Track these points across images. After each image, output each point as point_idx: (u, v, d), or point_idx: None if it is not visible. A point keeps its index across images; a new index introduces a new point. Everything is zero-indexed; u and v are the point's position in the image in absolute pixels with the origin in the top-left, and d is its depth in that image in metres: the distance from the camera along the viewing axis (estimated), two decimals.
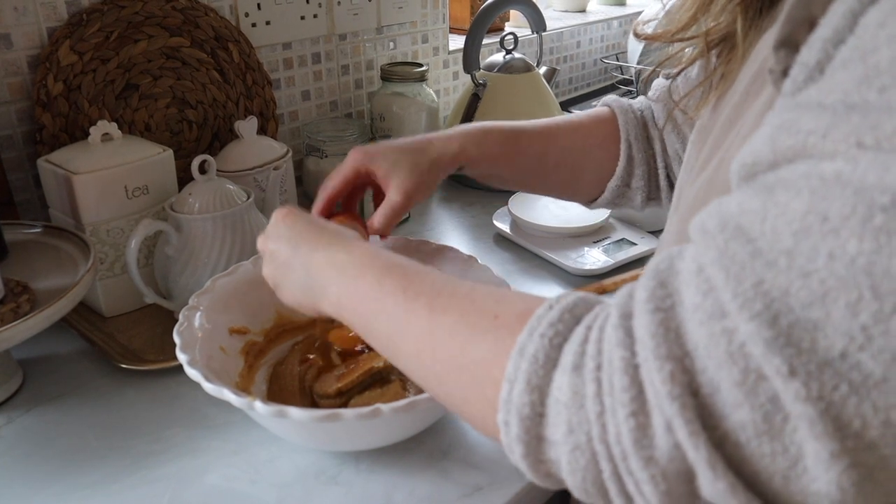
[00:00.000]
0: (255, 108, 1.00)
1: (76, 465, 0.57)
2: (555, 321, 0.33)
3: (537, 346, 0.32)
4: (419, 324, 0.40)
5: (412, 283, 0.42)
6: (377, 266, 0.45)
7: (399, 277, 0.43)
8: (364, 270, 0.45)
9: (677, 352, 0.28)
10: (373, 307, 0.44)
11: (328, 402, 0.61)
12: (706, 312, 0.27)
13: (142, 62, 0.87)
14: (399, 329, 0.42)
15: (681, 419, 0.27)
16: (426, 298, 0.41)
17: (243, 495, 0.54)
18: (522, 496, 0.55)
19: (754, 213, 0.27)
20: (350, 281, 0.46)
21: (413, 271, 0.44)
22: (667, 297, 0.29)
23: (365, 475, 0.56)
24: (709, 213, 0.30)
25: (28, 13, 0.79)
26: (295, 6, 1.04)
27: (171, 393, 0.65)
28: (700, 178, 0.45)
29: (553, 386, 0.32)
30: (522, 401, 0.32)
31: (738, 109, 0.42)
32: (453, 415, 0.62)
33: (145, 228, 0.69)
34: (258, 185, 0.85)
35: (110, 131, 0.75)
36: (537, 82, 1.14)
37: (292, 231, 0.52)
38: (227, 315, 0.63)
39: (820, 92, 0.28)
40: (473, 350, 0.36)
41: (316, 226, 0.53)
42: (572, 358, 0.31)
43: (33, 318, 0.58)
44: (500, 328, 0.36)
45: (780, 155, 0.28)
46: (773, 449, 0.26)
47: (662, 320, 0.28)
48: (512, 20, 1.60)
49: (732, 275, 0.27)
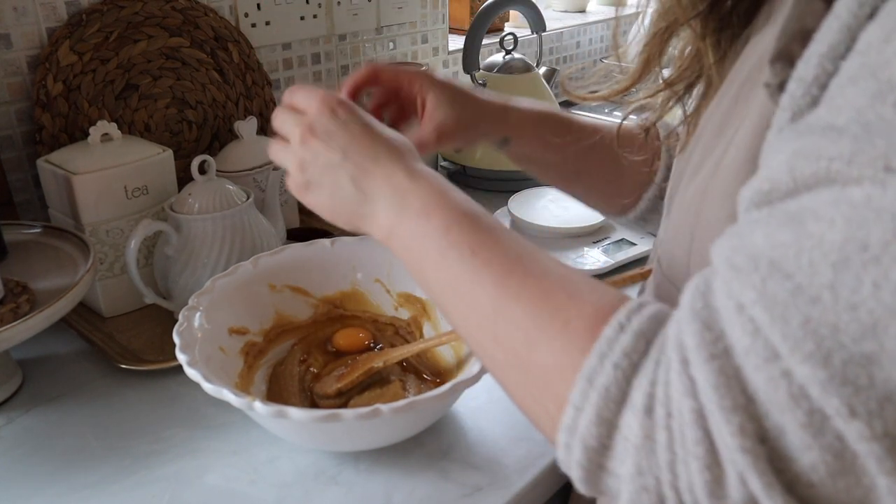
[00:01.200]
0: (255, 109, 1.00)
1: (76, 466, 0.57)
2: (629, 350, 0.31)
3: (609, 379, 0.31)
4: (484, 300, 0.38)
5: (483, 245, 0.39)
6: (445, 207, 0.41)
7: (469, 231, 0.40)
8: (430, 208, 0.42)
9: (741, 400, 0.27)
10: (432, 256, 0.40)
11: (328, 403, 0.61)
12: (759, 356, 0.26)
13: (141, 62, 0.87)
14: (460, 294, 0.39)
15: (754, 471, 0.26)
16: (496, 272, 0.38)
17: (243, 495, 0.54)
18: (522, 496, 0.55)
19: (787, 246, 0.26)
20: (411, 215, 0.42)
21: (485, 226, 0.40)
22: (717, 342, 0.28)
23: (365, 475, 0.56)
24: (733, 247, 0.29)
25: (28, 13, 0.79)
26: (295, 7, 1.04)
27: (171, 393, 0.65)
28: (692, 184, 0.43)
29: (623, 423, 0.31)
30: (590, 432, 0.31)
31: (727, 117, 0.41)
32: (453, 415, 0.62)
33: (145, 229, 0.68)
34: (258, 186, 0.85)
35: (110, 131, 0.75)
36: (537, 83, 1.14)
37: (345, 130, 0.46)
38: (226, 315, 0.63)
39: (830, 111, 0.27)
40: (538, 353, 0.35)
41: (372, 130, 0.47)
42: (643, 399, 0.30)
43: (33, 318, 0.58)
44: (569, 338, 0.34)
45: (800, 182, 0.27)
46: (847, 483, 0.26)
47: (720, 368, 0.27)
48: (511, 20, 1.60)
49: (777, 315, 0.26)
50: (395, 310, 0.71)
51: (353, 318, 0.71)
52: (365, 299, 0.71)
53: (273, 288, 0.68)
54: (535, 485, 0.56)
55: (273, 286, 0.68)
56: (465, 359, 0.62)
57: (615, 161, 0.65)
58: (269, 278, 0.68)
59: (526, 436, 0.60)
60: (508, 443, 0.59)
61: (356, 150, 0.45)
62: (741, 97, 0.40)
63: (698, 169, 0.43)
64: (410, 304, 0.70)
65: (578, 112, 1.52)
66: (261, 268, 0.67)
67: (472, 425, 0.61)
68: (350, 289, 0.71)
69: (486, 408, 0.63)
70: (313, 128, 0.47)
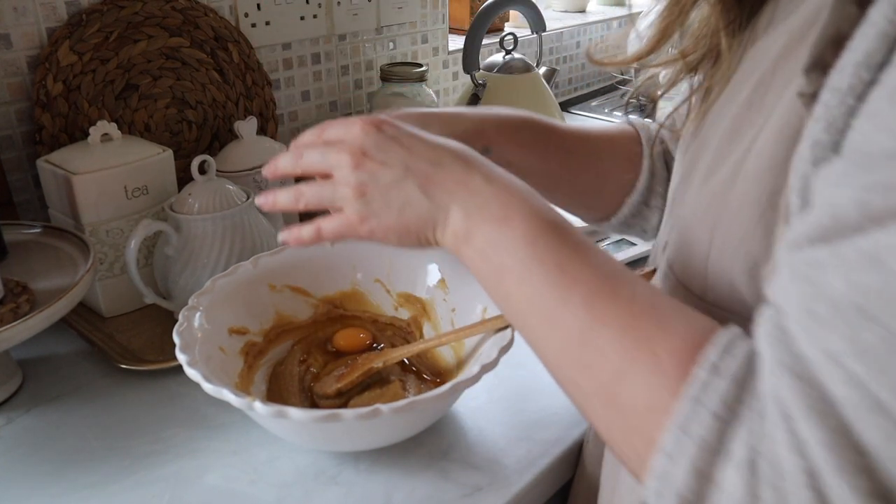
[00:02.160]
0: (255, 109, 1.00)
1: (76, 466, 0.57)
2: (726, 398, 0.29)
3: (706, 429, 0.29)
4: (570, 322, 0.36)
5: (571, 260, 0.37)
6: (529, 214, 0.39)
7: (556, 244, 0.37)
8: (511, 213, 0.39)
9: (853, 457, 0.25)
10: (513, 267, 0.38)
11: (328, 403, 0.61)
12: (865, 408, 0.25)
13: (141, 62, 0.87)
14: (543, 313, 0.37)
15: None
16: (584, 292, 0.35)
17: (243, 496, 0.54)
18: (522, 497, 0.55)
19: (871, 289, 0.25)
20: (488, 219, 0.39)
21: (572, 239, 0.38)
22: (816, 395, 0.26)
23: (364, 475, 0.56)
24: (807, 294, 0.27)
25: (28, 13, 0.79)
26: (294, 7, 1.04)
27: (171, 393, 0.65)
28: (706, 188, 0.42)
29: (721, 477, 0.29)
30: (686, 484, 0.30)
31: (741, 120, 0.40)
32: (453, 415, 0.62)
33: (145, 229, 0.68)
34: (258, 186, 0.85)
35: (110, 131, 0.75)
36: (537, 83, 1.14)
37: (399, 144, 0.43)
38: (226, 315, 0.63)
39: (888, 136, 0.26)
40: (626, 387, 0.33)
41: (426, 138, 0.44)
42: (745, 453, 0.28)
43: (33, 318, 0.58)
44: (659, 375, 0.32)
45: (869, 217, 0.26)
46: None
47: (826, 424, 0.26)
48: (511, 20, 1.60)
49: (874, 366, 0.25)
50: (395, 310, 0.71)
51: (353, 318, 0.71)
52: (365, 299, 0.71)
53: (273, 288, 0.68)
54: (535, 485, 0.56)
55: (273, 286, 0.68)
56: (465, 359, 0.62)
57: (597, 167, 0.64)
58: (269, 278, 0.68)
59: (526, 436, 0.60)
60: (508, 443, 0.59)
61: (418, 160, 0.42)
62: (755, 102, 0.39)
63: (711, 173, 0.41)
64: (410, 304, 0.70)
65: (579, 113, 1.52)
66: (261, 268, 0.67)
67: (472, 425, 0.61)
68: (350, 289, 0.71)
69: (486, 408, 0.63)
70: (364, 149, 0.44)
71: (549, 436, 0.60)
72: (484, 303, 0.63)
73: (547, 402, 0.64)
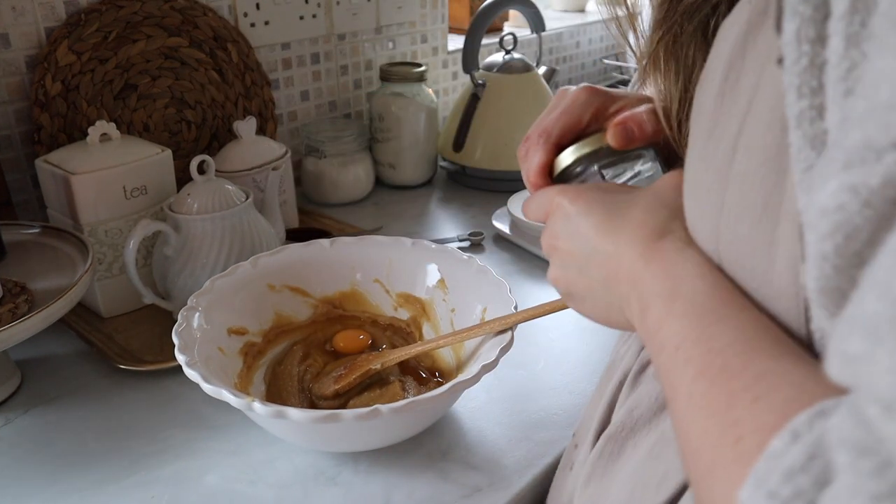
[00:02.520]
0: (254, 109, 1.00)
1: (74, 467, 0.57)
2: None
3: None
4: (677, 407, 0.32)
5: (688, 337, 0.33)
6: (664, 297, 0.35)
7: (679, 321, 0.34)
8: (648, 302, 0.36)
9: None
10: (652, 352, 0.36)
11: (326, 404, 0.60)
12: None
13: (140, 62, 0.87)
14: (668, 393, 0.34)
15: None
16: (691, 374, 0.31)
17: (242, 496, 0.54)
18: (522, 497, 0.55)
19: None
20: (635, 313, 0.37)
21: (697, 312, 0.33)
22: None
23: (364, 476, 0.56)
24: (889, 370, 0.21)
25: (26, 13, 0.79)
26: (294, 6, 1.04)
27: (170, 394, 0.65)
28: (694, 198, 0.38)
29: None
30: None
31: (716, 114, 0.35)
32: (453, 415, 0.62)
33: (144, 229, 0.68)
34: (257, 186, 0.84)
35: (108, 131, 0.75)
36: (537, 82, 1.14)
37: (577, 232, 0.41)
38: (225, 316, 0.63)
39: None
40: (711, 471, 0.28)
41: (607, 214, 0.40)
42: None
43: (31, 318, 0.58)
44: (737, 462, 0.27)
45: (882, 204, 0.21)
46: None
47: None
48: (511, 20, 1.60)
49: None
50: (395, 310, 0.71)
51: (352, 318, 0.71)
52: (364, 299, 0.71)
53: (272, 288, 0.68)
54: (534, 485, 0.56)
55: (272, 286, 0.68)
56: (464, 360, 0.62)
57: None
58: (268, 278, 0.68)
59: (526, 436, 0.60)
60: (508, 443, 0.59)
61: (595, 249, 0.40)
62: (727, 91, 0.34)
63: (699, 181, 0.37)
64: (410, 305, 0.70)
65: None
66: (260, 268, 0.67)
67: (471, 426, 0.61)
68: (349, 289, 0.71)
69: (485, 408, 0.63)
70: (553, 235, 0.43)
71: (548, 436, 0.60)
72: (483, 303, 0.63)
73: (547, 402, 0.64)
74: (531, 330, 0.71)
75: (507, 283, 0.63)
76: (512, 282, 0.74)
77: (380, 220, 1.01)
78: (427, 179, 1.15)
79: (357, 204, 1.07)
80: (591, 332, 0.74)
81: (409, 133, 1.09)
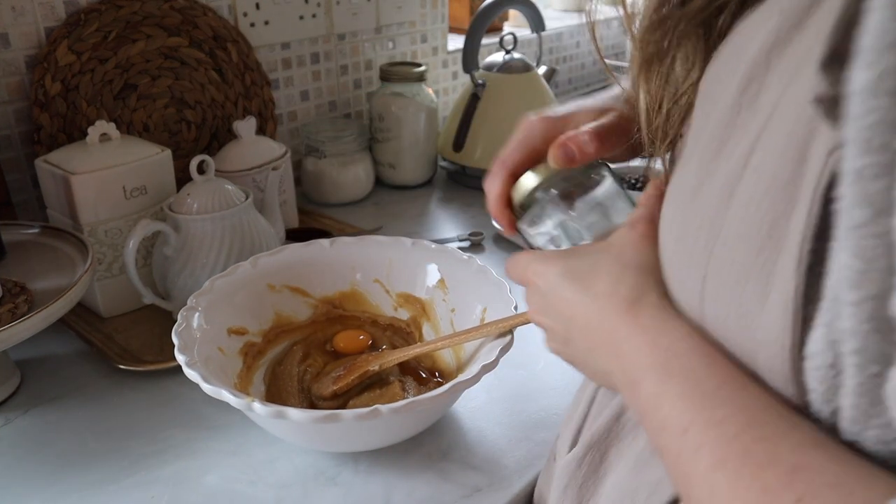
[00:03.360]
0: (254, 108, 1.00)
1: (74, 467, 0.57)
2: None
3: None
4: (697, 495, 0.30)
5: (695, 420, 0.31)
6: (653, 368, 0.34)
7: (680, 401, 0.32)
8: (638, 376, 0.35)
9: None
10: (647, 429, 0.35)
11: (326, 404, 0.60)
12: None
13: (140, 62, 0.87)
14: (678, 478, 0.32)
15: None
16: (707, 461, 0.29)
17: (242, 496, 0.54)
18: (521, 497, 0.55)
19: None
20: (625, 385, 0.36)
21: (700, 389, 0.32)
22: None
23: (364, 476, 0.56)
24: None
25: (26, 13, 0.79)
26: (293, 6, 1.04)
27: (170, 394, 0.65)
28: (691, 210, 0.35)
29: None
30: None
31: (728, 126, 0.32)
32: (453, 415, 0.62)
33: (143, 229, 0.68)
34: (257, 186, 0.84)
35: (108, 131, 0.75)
36: (537, 82, 1.14)
37: (552, 306, 0.42)
38: (225, 316, 0.63)
39: None
40: None
41: (574, 284, 0.40)
42: None
43: (31, 318, 0.58)
44: None
45: None
46: None
47: None
48: (511, 20, 1.60)
49: None
50: (395, 310, 0.71)
51: (352, 318, 0.71)
52: (364, 300, 0.71)
53: (272, 288, 0.68)
54: (534, 485, 0.56)
55: (272, 286, 0.68)
56: (464, 360, 0.62)
57: None
58: (268, 278, 0.68)
59: (525, 436, 0.60)
60: (508, 443, 0.59)
61: (573, 323, 0.40)
62: (744, 104, 0.32)
63: (696, 192, 0.34)
64: (410, 305, 0.70)
65: None
66: (260, 268, 0.67)
67: (471, 426, 0.61)
68: (349, 289, 0.71)
69: (485, 408, 0.63)
70: (534, 310, 0.44)
71: (548, 436, 0.60)
72: (483, 303, 0.63)
73: (546, 402, 0.64)
74: (531, 330, 0.71)
75: (507, 283, 0.63)
76: (512, 282, 0.74)
77: (380, 220, 1.01)
78: (427, 179, 1.15)
79: (357, 204, 1.07)
80: None
81: (409, 133, 1.09)
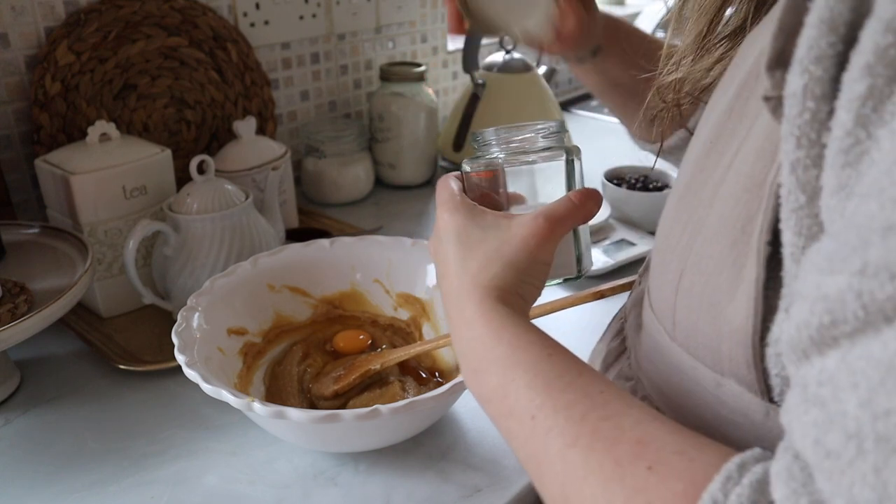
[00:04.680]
0: (254, 108, 1.00)
1: (74, 467, 0.57)
2: None
3: None
4: (550, 479, 0.32)
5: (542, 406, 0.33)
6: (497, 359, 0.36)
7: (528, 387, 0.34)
8: (484, 364, 0.37)
9: None
10: (496, 419, 0.36)
11: (326, 404, 0.60)
12: None
13: (140, 62, 0.87)
14: (530, 467, 0.34)
15: None
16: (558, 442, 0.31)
17: (242, 496, 0.54)
18: (522, 497, 0.55)
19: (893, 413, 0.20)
20: (467, 370, 0.39)
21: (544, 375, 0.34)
22: None
23: (364, 476, 0.56)
24: (817, 423, 0.22)
25: (26, 13, 0.79)
26: (293, 6, 1.04)
27: (170, 394, 0.65)
28: (682, 205, 0.37)
29: None
30: None
31: (721, 129, 0.35)
32: (453, 415, 0.62)
33: (143, 229, 0.68)
34: (256, 186, 0.84)
35: (108, 131, 0.75)
36: (537, 82, 1.14)
37: (438, 247, 0.45)
38: (225, 316, 0.63)
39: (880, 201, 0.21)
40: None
41: (463, 246, 0.43)
42: None
43: (31, 318, 0.58)
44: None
45: (875, 311, 0.20)
46: None
47: None
48: None
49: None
50: (395, 310, 0.71)
51: (352, 318, 0.71)
52: (364, 299, 0.71)
53: (272, 288, 0.68)
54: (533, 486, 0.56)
55: (272, 286, 0.68)
56: None
57: None
58: (267, 278, 0.68)
59: None
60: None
61: (444, 278, 0.44)
62: (736, 109, 0.34)
63: (688, 189, 0.36)
64: (410, 305, 0.70)
65: (579, 112, 1.52)
66: (260, 268, 0.67)
67: (471, 426, 0.61)
68: (349, 289, 0.71)
69: None
70: (431, 241, 0.47)
71: None
72: None
73: None
74: None
75: None
76: None
77: (380, 220, 1.01)
78: (427, 179, 1.15)
79: (357, 204, 1.07)
80: (591, 332, 0.74)
81: (409, 133, 1.09)
